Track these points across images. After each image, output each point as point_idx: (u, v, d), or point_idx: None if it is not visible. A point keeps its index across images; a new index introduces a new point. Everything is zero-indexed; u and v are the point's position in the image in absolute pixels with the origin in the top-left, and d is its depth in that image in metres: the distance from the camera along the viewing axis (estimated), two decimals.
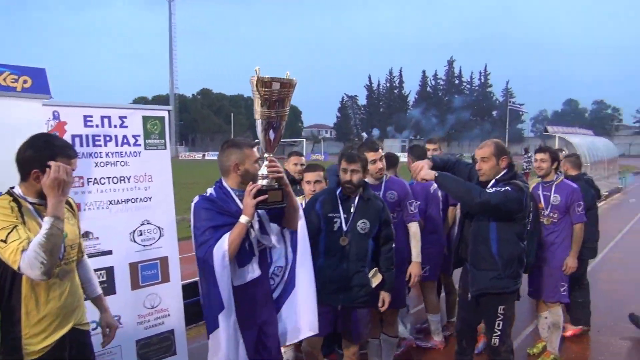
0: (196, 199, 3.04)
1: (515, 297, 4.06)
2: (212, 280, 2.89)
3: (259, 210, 3.01)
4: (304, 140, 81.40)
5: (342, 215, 3.96)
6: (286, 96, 2.91)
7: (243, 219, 2.91)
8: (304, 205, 4.15)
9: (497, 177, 3.98)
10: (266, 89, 2.84)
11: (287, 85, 2.88)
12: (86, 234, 4.01)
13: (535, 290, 5.35)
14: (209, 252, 2.87)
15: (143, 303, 4.33)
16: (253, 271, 3.08)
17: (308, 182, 4.60)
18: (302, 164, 5.61)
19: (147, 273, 4.35)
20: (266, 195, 2.91)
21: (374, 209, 4.02)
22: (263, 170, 3.00)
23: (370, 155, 4.48)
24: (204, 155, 74.51)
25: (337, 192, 4.05)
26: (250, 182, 2.98)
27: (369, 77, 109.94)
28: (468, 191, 3.82)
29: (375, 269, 4.04)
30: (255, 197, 2.90)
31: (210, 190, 3.09)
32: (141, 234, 4.33)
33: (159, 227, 4.41)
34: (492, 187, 3.90)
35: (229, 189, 3.06)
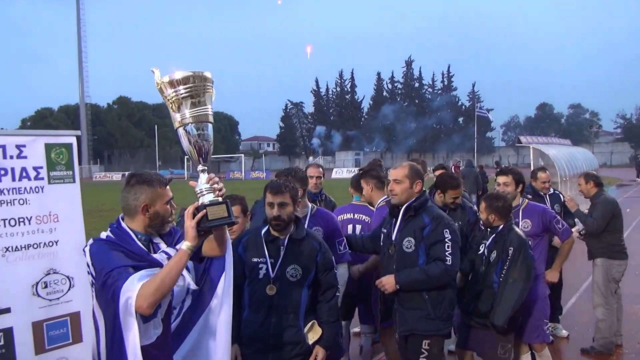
0: (90, 241, 2.92)
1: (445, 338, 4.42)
2: (115, 336, 2.79)
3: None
4: (242, 155, 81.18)
5: (269, 260, 3.86)
6: (205, 92, 2.85)
7: (184, 245, 2.78)
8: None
9: (408, 202, 4.34)
10: (185, 86, 2.79)
11: (202, 79, 2.84)
12: None
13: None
14: (119, 284, 2.70)
15: None
16: (158, 327, 2.98)
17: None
18: (318, 176, 5.91)
19: (54, 333, 4.21)
20: (204, 212, 2.81)
21: (308, 250, 3.93)
22: (201, 185, 2.90)
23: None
24: (123, 175, 72.87)
25: (262, 232, 3.95)
26: (181, 209, 2.95)
27: (316, 81, 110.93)
28: (437, 277, 4.19)
29: (313, 321, 3.93)
30: (194, 216, 2.80)
31: (105, 234, 2.97)
32: (46, 286, 4.20)
33: (68, 277, 4.30)
34: (404, 213, 4.34)
35: (129, 232, 2.96)
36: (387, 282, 4.31)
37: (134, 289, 2.67)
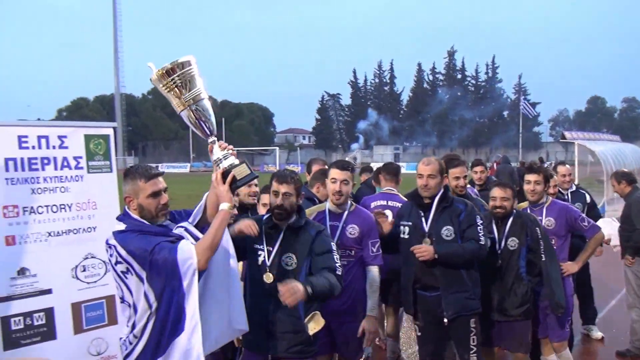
0: (112, 237, 3.26)
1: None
2: (171, 307, 3.17)
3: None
4: (277, 148, 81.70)
5: (266, 248, 4.04)
6: (191, 75, 3.33)
7: (224, 205, 3.28)
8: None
9: (440, 194, 4.82)
10: (173, 76, 3.28)
11: (186, 64, 3.31)
12: (22, 271, 4.27)
13: (540, 329, 5.50)
14: (172, 251, 3.12)
15: (87, 349, 4.58)
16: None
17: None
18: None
19: (91, 314, 4.61)
20: (232, 174, 3.35)
21: (304, 239, 4.05)
22: (217, 154, 3.44)
23: (336, 174, 4.70)
24: (157, 166, 73.97)
25: (264, 219, 4.17)
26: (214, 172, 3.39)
27: (354, 72, 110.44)
28: (473, 253, 4.67)
29: (315, 312, 4.06)
30: (224, 181, 3.31)
31: (121, 226, 3.30)
32: (85, 270, 4.59)
33: (104, 262, 4.65)
34: (437, 205, 4.77)
35: (138, 217, 3.34)
36: (427, 250, 4.61)
37: (191, 251, 3.14)
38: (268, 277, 3.97)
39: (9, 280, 4.23)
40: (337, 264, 4.02)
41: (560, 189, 7.17)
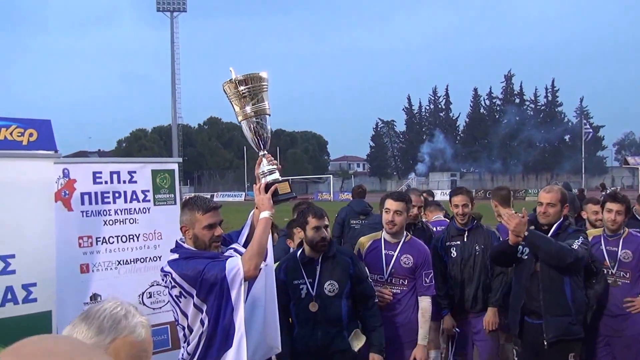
0: (166, 265, 3.59)
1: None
2: (223, 307, 3.43)
3: None
4: (331, 176, 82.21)
5: (307, 280, 4.47)
6: (261, 91, 3.64)
7: (265, 213, 3.57)
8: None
9: (558, 222, 4.91)
10: (243, 87, 3.59)
11: (259, 79, 3.62)
12: (94, 297, 4.68)
13: None
14: (221, 267, 3.40)
15: None
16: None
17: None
18: (420, 205, 6.28)
19: (157, 339, 4.96)
20: (275, 186, 3.66)
21: (341, 266, 4.51)
22: (264, 168, 3.75)
23: (390, 205, 5.00)
24: (212, 195, 75.27)
25: (298, 256, 4.60)
26: (256, 183, 3.72)
27: (408, 98, 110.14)
28: (560, 250, 4.69)
29: (356, 330, 4.51)
30: (266, 191, 3.61)
31: (174, 256, 3.62)
32: (150, 296, 4.98)
33: None
34: (555, 233, 4.86)
35: (190, 247, 3.63)
36: (519, 225, 4.72)
37: (237, 261, 3.41)
38: (314, 306, 4.40)
39: (83, 305, 4.64)
40: (373, 290, 4.60)
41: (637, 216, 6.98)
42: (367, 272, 4.77)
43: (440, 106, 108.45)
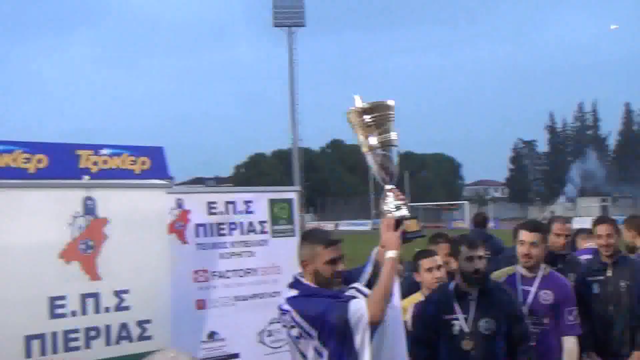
0: (284, 302, 3.51)
1: None
2: (345, 354, 3.32)
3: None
4: (466, 202, 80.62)
5: (462, 316, 4.28)
6: (388, 120, 3.56)
7: (391, 253, 3.46)
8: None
9: None
10: (368, 116, 3.52)
11: (386, 107, 3.55)
12: (211, 335, 4.69)
13: None
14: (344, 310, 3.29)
15: None
16: None
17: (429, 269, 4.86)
18: (567, 234, 6.00)
19: None
20: (403, 226, 3.57)
21: (500, 303, 4.31)
22: (391, 203, 3.65)
23: (525, 236, 4.77)
24: (336, 224, 75.95)
25: (450, 288, 4.41)
26: (382, 218, 3.62)
27: (551, 116, 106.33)
28: None
29: None
30: (395, 228, 3.50)
31: (292, 292, 3.52)
32: (270, 335, 4.92)
33: None
34: None
35: (309, 284, 3.53)
36: None
37: (361, 304, 3.32)
38: (467, 344, 4.24)
39: (200, 344, 4.67)
40: (529, 332, 4.43)
41: None
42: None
43: (587, 124, 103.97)
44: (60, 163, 4.52)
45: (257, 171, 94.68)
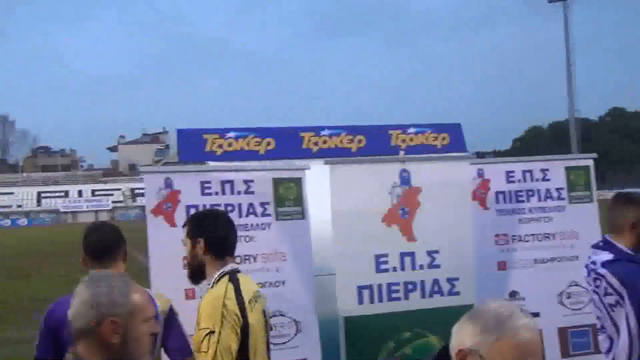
0: (600, 267, 3.35)
1: None
2: None
3: None
4: None
5: None
6: None
7: None
8: None
9: None
10: None
11: None
12: (513, 293, 5.03)
13: None
14: None
15: None
16: None
17: None
18: None
19: (577, 340, 5.11)
20: None
21: None
22: None
23: None
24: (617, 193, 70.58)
25: None
26: None
27: None
28: None
29: None
30: None
31: (604, 257, 3.38)
32: (569, 297, 5.13)
33: (586, 290, 5.08)
34: None
35: (620, 247, 3.41)
36: None
37: None
38: None
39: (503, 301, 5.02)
40: None
41: None
42: None
43: None
44: (376, 142, 5.23)
45: (533, 144, 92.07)
